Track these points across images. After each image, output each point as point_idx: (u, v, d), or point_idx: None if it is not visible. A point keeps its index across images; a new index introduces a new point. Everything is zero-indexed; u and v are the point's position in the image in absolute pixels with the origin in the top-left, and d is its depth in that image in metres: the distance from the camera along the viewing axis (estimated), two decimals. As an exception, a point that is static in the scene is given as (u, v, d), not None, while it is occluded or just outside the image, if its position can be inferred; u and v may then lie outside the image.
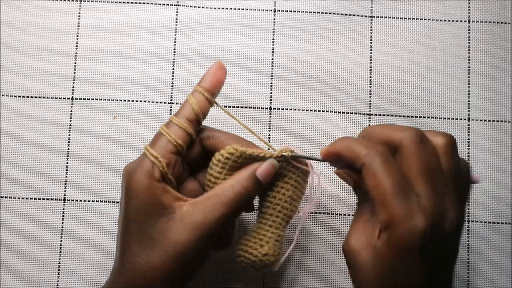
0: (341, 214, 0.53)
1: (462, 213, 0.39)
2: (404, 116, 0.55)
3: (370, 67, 0.56)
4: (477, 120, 0.55)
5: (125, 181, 0.41)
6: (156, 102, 0.55)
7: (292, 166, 0.45)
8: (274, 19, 0.56)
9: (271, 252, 0.43)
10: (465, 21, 0.57)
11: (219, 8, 0.56)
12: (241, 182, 0.42)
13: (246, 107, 0.55)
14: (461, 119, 0.55)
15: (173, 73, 0.55)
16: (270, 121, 0.55)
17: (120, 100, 0.55)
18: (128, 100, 0.55)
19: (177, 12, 0.56)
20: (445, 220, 0.37)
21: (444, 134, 0.39)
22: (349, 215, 0.53)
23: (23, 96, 0.55)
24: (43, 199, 0.53)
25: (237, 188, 0.42)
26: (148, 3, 0.56)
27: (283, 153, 0.44)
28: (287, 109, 0.55)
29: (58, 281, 0.52)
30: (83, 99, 0.55)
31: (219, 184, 0.43)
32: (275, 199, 0.44)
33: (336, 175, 0.43)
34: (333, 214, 0.53)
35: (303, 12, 0.56)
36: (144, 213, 0.40)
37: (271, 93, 0.55)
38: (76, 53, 0.55)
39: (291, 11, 0.56)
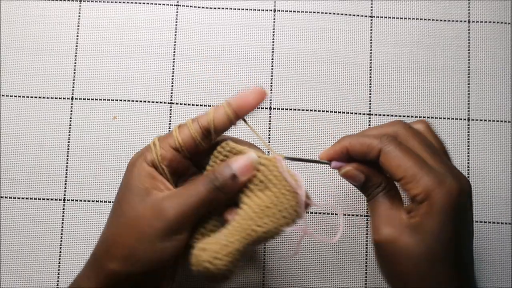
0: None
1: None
2: (404, 116, 0.55)
3: (370, 67, 0.56)
4: (477, 120, 0.55)
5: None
6: (156, 102, 0.55)
7: (277, 179, 0.40)
8: (274, 19, 0.56)
9: (219, 255, 0.38)
10: (465, 21, 0.57)
11: (219, 8, 0.56)
12: (216, 174, 0.40)
13: (246, 107, 0.55)
14: (461, 119, 0.55)
15: (173, 73, 0.55)
16: (270, 121, 0.55)
17: (120, 100, 0.55)
18: (128, 100, 0.55)
19: (177, 12, 0.56)
20: (463, 182, 0.40)
21: (421, 120, 0.45)
22: (349, 215, 0.53)
23: (23, 96, 0.55)
24: (43, 199, 0.53)
25: (209, 179, 0.40)
26: (148, 3, 0.56)
27: (283, 157, 0.41)
28: (287, 109, 0.55)
29: (58, 281, 0.52)
30: (83, 99, 0.55)
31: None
32: (247, 206, 0.40)
33: (342, 176, 0.43)
34: (333, 214, 0.53)
35: (303, 12, 0.56)
36: (127, 186, 0.41)
37: (271, 93, 0.55)
38: (76, 53, 0.55)
39: (291, 11, 0.56)
